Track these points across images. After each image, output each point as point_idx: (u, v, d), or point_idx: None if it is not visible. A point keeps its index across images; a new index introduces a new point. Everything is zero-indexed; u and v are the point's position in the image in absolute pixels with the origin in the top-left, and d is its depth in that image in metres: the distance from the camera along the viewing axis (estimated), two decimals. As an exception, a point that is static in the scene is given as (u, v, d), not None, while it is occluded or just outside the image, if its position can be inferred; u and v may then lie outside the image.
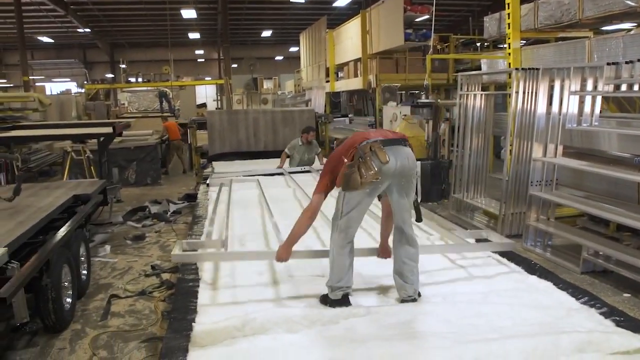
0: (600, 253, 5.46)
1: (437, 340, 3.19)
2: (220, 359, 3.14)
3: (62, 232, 4.72)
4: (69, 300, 4.71)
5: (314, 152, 9.64)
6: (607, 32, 9.67)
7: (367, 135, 3.79)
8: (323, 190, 3.93)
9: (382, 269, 4.31)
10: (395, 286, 3.97)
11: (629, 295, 5.01)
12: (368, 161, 3.57)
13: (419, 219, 4.03)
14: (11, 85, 33.49)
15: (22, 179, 5.36)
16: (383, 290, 4.15)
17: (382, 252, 4.27)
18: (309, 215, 3.93)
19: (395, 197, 3.80)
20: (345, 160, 3.74)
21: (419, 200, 8.73)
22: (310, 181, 8.22)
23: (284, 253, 4.01)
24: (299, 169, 9.28)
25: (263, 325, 3.46)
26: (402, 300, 3.89)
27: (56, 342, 4.37)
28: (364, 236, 5.25)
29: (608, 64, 5.66)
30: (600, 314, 3.60)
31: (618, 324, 3.44)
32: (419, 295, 3.93)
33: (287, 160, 9.59)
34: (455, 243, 4.95)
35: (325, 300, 3.89)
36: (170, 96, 23.80)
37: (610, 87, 5.72)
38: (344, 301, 3.82)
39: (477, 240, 5.18)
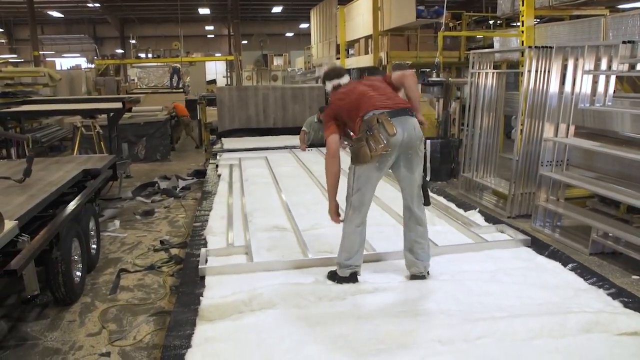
0: (610, 234, 5.43)
1: (445, 317, 3.20)
2: (227, 333, 3.17)
3: (72, 206, 4.75)
4: (78, 273, 4.76)
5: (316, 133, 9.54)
6: (624, 10, 9.48)
7: (371, 101, 3.70)
8: (334, 131, 3.89)
9: (391, 245, 4.33)
10: (405, 263, 3.96)
11: (637, 277, 4.99)
12: (376, 134, 3.53)
13: (427, 202, 3.94)
14: (22, 60, 33.48)
15: (32, 160, 5.35)
16: (391, 266, 4.15)
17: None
18: (332, 159, 3.87)
19: (403, 172, 3.75)
20: (352, 134, 3.72)
21: (427, 179, 8.76)
22: (317, 158, 8.22)
23: (334, 210, 3.99)
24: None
25: (270, 300, 3.48)
26: (412, 277, 3.88)
27: (66, 315, 4.43)
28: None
29: (623, 42, 5.55)
30: (609, 294, 3.59)
31: (626, 305, 3.42)
32: (428, 273, 3.92)
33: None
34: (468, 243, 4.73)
35: (333, 277, 3.88)
36: (181, 72, 23.79)
37: (625, 67, 5.62)
38: (352, 279, 3.81)
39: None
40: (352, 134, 3.79)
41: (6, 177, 5.25)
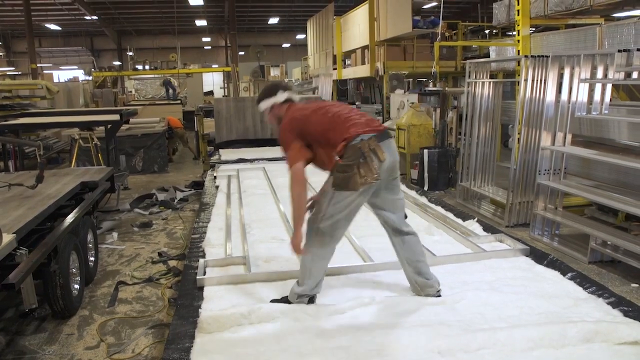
0: (609, 243, 5.42)
1: (444, 328, 3.19)
2: (226, 345, 3.16)
3: (70, 218, 4.74)
4: (76, 286, 4.74)
5: None
6: (619, 18, 9.55)
7: (352, 124, 3.43)
8: (303, 156, 3.54)
9: (389, 255, 4.33)
10: (413, 288, 3.79)
11: (637, 285, 4.98)
12: (369, 162, 3.33)
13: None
14: (19, 72, 33.57)
15: (44, 167, 5.42)
16: (390, 277, 4.14)
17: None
18: (301, 187, 3.56)
19: (389, 196, 3.61)
20: (337, 158, 3.43)
21: (425, 188, 8.76)
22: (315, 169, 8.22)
23: (299, 243, 3.59)
24: None
25: (269, 314, 3.47)
26: (427, 296, 3.73)
27: (64, 328, 4.40)
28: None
29: (619, 51, 5.58)
30: (608, 303, 3.58)
31: (626, 314, 3.42)
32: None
33: None
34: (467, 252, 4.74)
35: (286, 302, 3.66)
36: (176, 84, 23.85)
37: (621, 75, 5.64)
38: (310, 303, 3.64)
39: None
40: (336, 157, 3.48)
41: (19, 183, 5.29)
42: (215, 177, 8.31)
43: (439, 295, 3.73)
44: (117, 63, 36.37)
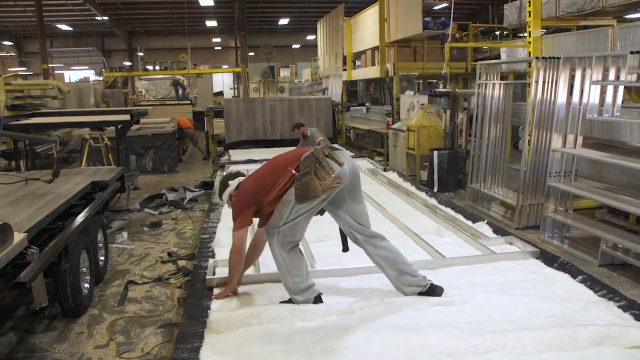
0: (619, 246, 5.38)
1: (453, 330, 3.18)
2: (235, 345, 3.16)
3: (80, 218, 4.77)
4: (87, 285, 4.77)
5: (316, 142, 9.50)
6: (631, 20, 9.48)
7: (291, 154, 3.64)
8: (246, 224, 3.68)
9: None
10: (401, 290, 3.76)
11: (648, 288, 4.94)
12: (326, 166, 3.37)
13: (345, 249, 3.85)
14: (31, 73, 33.86)
15: (60, 162, 5.49)
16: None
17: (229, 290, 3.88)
18: (236, 259, 3.75)
19: (351, 204, 3.61)
20: (293, 171, 3.50)
21: (435, 190, 8.74)
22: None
23: (224, 294, 3.82)
24: None
25: (278, 314, 3.47)
26: (420, 294, 3.73)
27: (74, 327, 4.43)
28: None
29: (632, 52, 5.54)
30: (619, 307, 3.55)
31: (637, 317, 3.39)
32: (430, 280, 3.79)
33: None
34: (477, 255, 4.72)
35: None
36: (186, 84, 23.92)
37: (633, 77, 5.60)
38: (317, 302, 3.64)
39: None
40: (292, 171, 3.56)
41: (36, 178, 5.36)
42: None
43: (432, 289, 3.71)
44: (128, 63, 36.56)
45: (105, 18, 29.08)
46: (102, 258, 5.62)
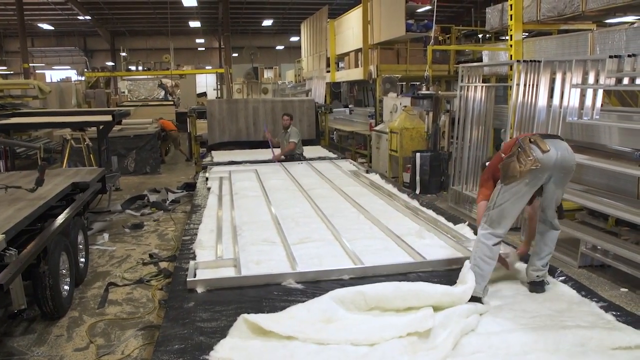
0: (599, 247, 5.46)
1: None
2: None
3: (60, 219, 4.72)
4: (66, 287, 4.72)
5: (289, 139, 9.49)
6: (611, 24, 9.61)
7: (525, 135, 3.84)
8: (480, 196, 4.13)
9: (380, 259, 4.31)
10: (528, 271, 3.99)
11: (626, 289, 5.02)
12: (527, 150, 3.61)
13: (560, 216, 4.08)
14: (11, 72, 33.44)
15: (44, 170, 5.37)
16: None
17: (521, 251, 4.38)
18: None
19: (552, 188, 3.81)
20: (503, 155, 3.82)
21: (417, 192, 8.78)
22: (307, 171, 8.22)
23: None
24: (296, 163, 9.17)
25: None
26: (532, 283, 3.93)
27: (54, 329, 4.38)
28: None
29: (610, 56, 5.62)
30: (600, 307, 3.59)
31: (617, 318, 3.43)
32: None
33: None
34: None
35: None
36: (169, 85, 23.86)
37: (612, 81, 5.69)
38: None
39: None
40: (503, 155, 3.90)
41: (18, 186, 5.26)
42: (207, 179, 8.28)
43: (543, 283, 3.92)
44: (110, 63, 36.24)
45: (88, 17, 28.82)
46: (83, 260, 5.57)
